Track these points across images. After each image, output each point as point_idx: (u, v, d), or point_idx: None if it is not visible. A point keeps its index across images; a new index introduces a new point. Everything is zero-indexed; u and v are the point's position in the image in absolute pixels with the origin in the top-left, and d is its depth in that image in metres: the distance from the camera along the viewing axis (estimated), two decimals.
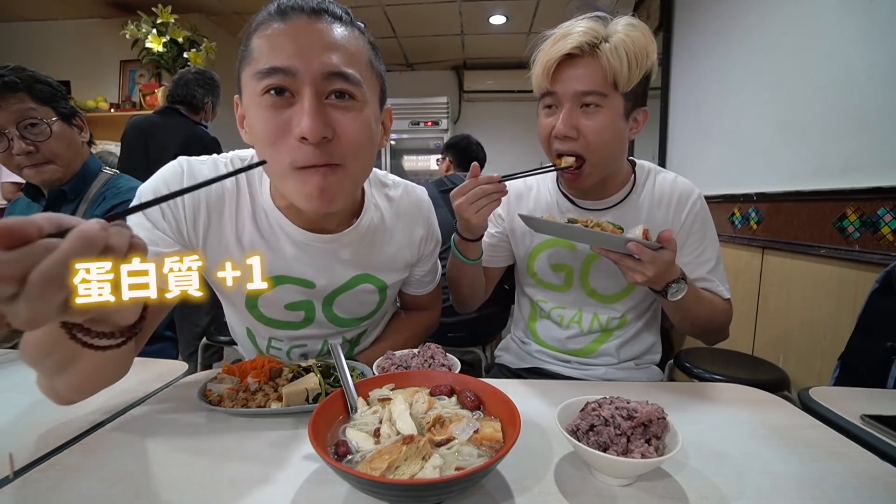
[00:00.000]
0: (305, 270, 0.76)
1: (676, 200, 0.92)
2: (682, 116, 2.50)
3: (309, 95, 0.56)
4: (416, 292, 0.98)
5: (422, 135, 4.34)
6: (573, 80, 0.79)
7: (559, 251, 0.98)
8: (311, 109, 0.55)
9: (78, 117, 1.15)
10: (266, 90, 0.57)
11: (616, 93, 0.80)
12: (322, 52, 0.57)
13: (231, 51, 3.76)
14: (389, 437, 0.50)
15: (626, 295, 0.96)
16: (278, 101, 0.57)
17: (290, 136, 0.57)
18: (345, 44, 0.59)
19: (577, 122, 0.81)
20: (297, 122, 0.56)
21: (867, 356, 0.95)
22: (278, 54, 0.56)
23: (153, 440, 0.60)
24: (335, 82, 0.58)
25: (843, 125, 1.39)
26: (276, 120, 0.57)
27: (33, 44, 3.51)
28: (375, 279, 0.84)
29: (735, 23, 1.98)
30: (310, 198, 0.61)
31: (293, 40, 0.56)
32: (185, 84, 2.12)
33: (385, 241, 0.83)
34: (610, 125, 0.81)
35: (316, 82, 0.57)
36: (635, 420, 0.49)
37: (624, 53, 0.76)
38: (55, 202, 1.15)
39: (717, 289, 0.92)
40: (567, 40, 0.78)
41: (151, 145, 2.03)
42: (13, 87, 1.03)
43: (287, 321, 0.81)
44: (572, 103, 0.81)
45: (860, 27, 1.34)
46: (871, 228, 1.26)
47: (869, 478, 0.53)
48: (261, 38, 0.58)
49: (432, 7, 3.38)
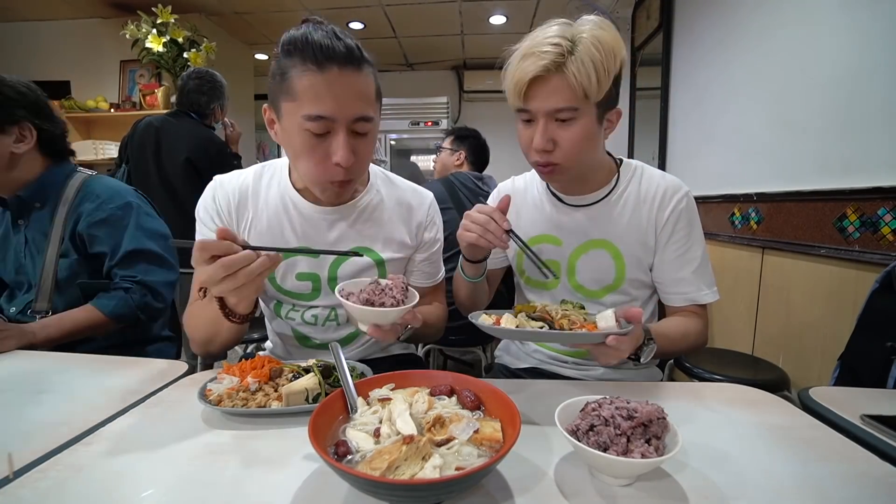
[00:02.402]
0: (312, 240, 0.91)
1: (661, 197, 0.92)
2: (682, 116, 2.50)
3: (343, 134, 0.75)
4: (419, 283, 1.01)
5: (422, 135, 4.35)
6: (544, 100, 0.80)
7: (545, 247, 0.98)
8: (345, 144, 0.75)
9: (18, 126, 1.03)
10: (310, 128, 0.75)
11: (588, 103, 0.80)
12: (352, 102, 0.75)
13: (231, 51, 3.76)
14: (389, 437, 0.50)
15: (611, 290, 0.96)
16: (319, 136, 0.76)
17: (328, 160, 0.77)
18: (365, 89, 0.76)
19: (553, 135, 0.82)
20: (335, 152, 0.76)
21: (867, 356, 0.95)
22: (321, 104, 0.73)
23: (153, 440, 0.60)
24: (359, 124, 0.77)
25: (843, 125, 1.39)
26: (319, 147, 0.77)
27: (33, 44, 3.51)
28: (373, 252, 0.93)
29: (735, 22, 1.98)
30: (331, 197, 0.86)
31: (330, 92, 0.73)
32: (188, 94, 2.12)
33: (382, 219, 0.95)
34: (585, 134, 0.82)
35: (348, 124, 0.76)
36: (635, 420, 0.49)
37: (591, 65, 0.76)
38: (20, 209, 1.10)
39: (698, 294, 0.92)
40: (532, 61, 0.78)
41: (163, 145, 2.04)
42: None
43: (299, 293, 0.93)
44: (546, 118, 0.82)
45: (860, 27, 1.34)
46: (871, 228, 1.26)
47: (869, 478, 0.53)
48: (301, 84, 0.73)
49: (432, 7, 3.38)
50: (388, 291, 0.72)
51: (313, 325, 0.96)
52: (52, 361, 0.89)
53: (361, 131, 0.77)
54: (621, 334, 0.66)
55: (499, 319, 0.74)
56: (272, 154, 5.65)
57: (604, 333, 0.66)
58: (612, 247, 0.94)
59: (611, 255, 0.94)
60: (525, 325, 0.72)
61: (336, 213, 0.92)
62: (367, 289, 0.73)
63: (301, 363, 0.75)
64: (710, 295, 0.93)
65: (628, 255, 0.93)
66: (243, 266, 0.64)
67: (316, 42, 0.71)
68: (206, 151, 2.06)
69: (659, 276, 0.95)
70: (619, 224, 0.93)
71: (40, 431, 0.61)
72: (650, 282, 0.97)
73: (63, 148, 1.14)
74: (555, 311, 0.76)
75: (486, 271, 0.99)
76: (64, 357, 0.93)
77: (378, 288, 0.73)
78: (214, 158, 2.08)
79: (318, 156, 0.77)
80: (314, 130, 0.74)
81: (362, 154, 0.79)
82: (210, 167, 2.04)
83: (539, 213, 1.00)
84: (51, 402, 0.71)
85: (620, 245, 0.94)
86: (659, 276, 0.95)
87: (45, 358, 0.92)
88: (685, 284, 0.92)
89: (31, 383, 0.78)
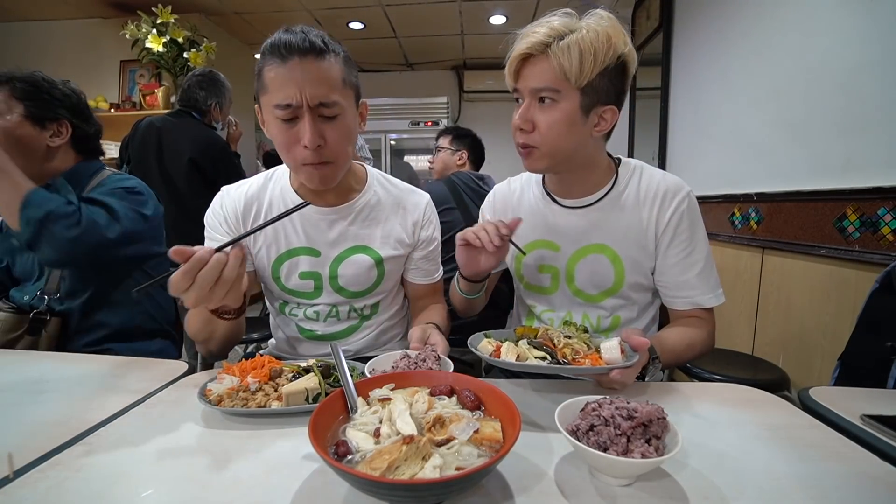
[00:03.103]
0: (312, 239, 0.95)
1: (661, 198, 0.90)
2: (682, 116, 2.50)
3: (307, 118, 0.79)
4: (417, 280, 1.05)
5: (422, 135, 4.35)
6: (529, 78, 0.84)
7: (543, 252, 0.98)
8: (310, 128, 0.79)
9: (57, 122, 1.10)
10: (279, 116, 0.80)
11: (569, 86, 0.81)
12: (313, 88, 0.78)
13: (231, 51, 3.77)
14: (389, 437, 0.50)
15: (611, 294, 0.95)
16: (288, 123, 0.81)
17: (298, 144, 0.81)
18: (326, 76, 0.80)
19: (532, 116, 0.84)
20: (302, 135, 0.80)
21: (867, 356, 0.95)
22: (284, 92, 0.78)
23: (153, 440, 0.60)
24: (321, 109, 0.80)
25: (843, 125, 1.39)
26: (288, 133, 0.81)
27: (33, 44, 3.52)
28: (371, 251, 0.97)
29: (735, 23, 1.99)
30: (314, 182, 0.87)
31: (291, 80, 0.77)
32: (187, 89, 2.13)
33: (379, 218, 0.98)
34: (563, 119, 0.83)
35: (312, 108, 0.79)
36: (635, 420, 0.49)
37: (577, 48, 0.78)
38: None
39: (703, 298, 0.90)
40: (524, 41, 0.82)
41: (165, 145, 2.04)
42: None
43: (302, 291, 0.97)
44: (530, 98, 0.84)
45: (860, 27, 1.34)
46: (871, 228, 1.26)
47: (869, 478, 0.53)
48: (270, 75, 0.79)
49: (432, 7, 3.38)
50: (420, 364, 0.71)
51: (315, 320, 1.00)
52: (53, 361, 0.89)
53: (328, 115, 0.81)
54: (626, 367, 0.67)
55: (499, 346, 0.74)
56: None
57: (608, 368, 0.67)
58: (609, 251, 0.92)
59: (609, 259, 0.93)
60: (527, 353, 0.72)
61: (335, 213, 0.95)
62: (400, 363, 0.72)
63: (301, 363, 0.75)
64: (716, 298, 0.91)
65: (627, 259, 0.92)
66: (200, 268, 0.62)
67: (282, 40, 0.78)
68: (210, 151, 2.06)
69: (662, 279, 0.93)
70: (618, 227, 0.92)
71: (40, 431, 0.61)
72: (651, 285, 0.95)
73: (95, 147, 1.23)
74: (557, 337, 0.76)
75: (482, 291, 1.01)
76: (64, 357, 0.93)
77: (410, 361, 0.72)
78: (217, 158, 2.07)
79: (290, 141, 0.82)
80: (283, 117, 0.79)
81: (332, 138, 0.82)
82: (213, 167, 2.04)
83: (535, 217, 0.98)
84: (51, 402, 0.71)
85: (619, 248, 0.92)
86: (662, 280, 0.93)
87: (45, 358, 0.92)
88: (689, 288, 0.90)
89: (31, 383, 0.78)
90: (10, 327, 1.07)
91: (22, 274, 1.19)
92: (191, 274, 0.62)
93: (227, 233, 0.95)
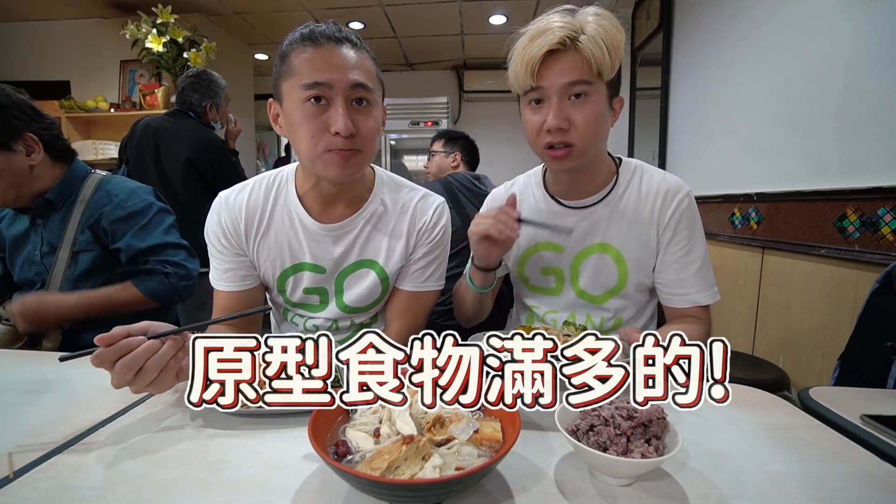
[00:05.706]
0: (317, 256, 0.91)
1: (662, 198, 0.91)
2: (682, 116, 2.50)
3: (341, 103, 0.75)
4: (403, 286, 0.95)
5: (422, 135, 4.34)
6: (559, 74, 0.81)
7: (546, 254, 0.98)
8: (343, 113, 0.75)
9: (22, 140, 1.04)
10: (308, 98, 0.75)
11: (601, 81, 0.82)
12: (348, 70, 0.76)
13: (231, 51, 3.76)
14: (389, 437, 0.50)
15: (614, 295, 0.95)
16: (318, 108, 0.76)
17: (326, 132, 0.76)
18: (361, 63, 0.78)
19: (567, 114, 0.82)
20: (334, 122, 0.75)
21: (867, 356, 0.95)
22: (317, 72, 0.74)
23: (153, 440, 0.60)
24: (358, 91, 0.77)
25: (843, 125, 1.39)
26: (316, 121, 0.76)
27: (33, 44, 3.51)
28: (376, 266, 0.93)
29: (735, 23, 1.99)
30: (336, 169, 0.79)
31: (327, 61, 0.75)
32: (182, 90, 2.12)
33: (384, 230, 0.93)
34: (598, 113, 0.83)
35: (345, 92, 0.76)
36: (635, 420, 0.49)
37: (602, 43, 0.78)
38: (44, 211, 1.13)
39: (700, 296, 0.91)
40: (547, 36, 0.79)
41: (162, 146, 2.03)
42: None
43: (308, 304, 0.96)
44: (560, 96, 0.81)
45: (859, 27, 1.34)
46: (871, 228, 1.26)
47: (869, 478, 0.53)
48: (302, 56, 0.76)
49: (432, 7, 3.38)
50: None
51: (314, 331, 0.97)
52: (52, 361, 0.89)
53: (365, 98, 0.78)
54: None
55: None
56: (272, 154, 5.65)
57: None
58: (613, 250, 0.93)
59: (613, 258, 0.93)
60: None
61: (340, 228, 0.90)
62: None
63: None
64: (711, 296, 0.92)
65: (630, 258, 0.92)
66: (148, 357, 0.59)
67: (316, 29, 0.77)
68: (207, 151, 2.06)
69: (661, 277, 0.93)
70: (620, 226, 0.92)
71: (40, 431, 0.61)
72: (651, 284, 0.96)
73: (65, 145, 1.16)
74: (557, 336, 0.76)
75: (495, 281, 0.98)
76: None
77: None
78: (215, 157, 2.07)
79: (317, 127, 0.76)
80: (313, 95, 0.75)
81: (364, 128, 0.78)
82: (211, 167, 2.04)
83: (538, 218, 0.97)
84: (51, 402, 0.71)
85: (622, 248, 0.92)
86: (661, 278, 0.94)
87: (45, 358, 0.92)
88: (687, 286, 0.91)
89: (31, 383, 0.78)
90: (9, 341, 1.05)
91: (22, 282, 1.18)
92: (108, 360, 0.57)
93: (227, 248, 0.90)
